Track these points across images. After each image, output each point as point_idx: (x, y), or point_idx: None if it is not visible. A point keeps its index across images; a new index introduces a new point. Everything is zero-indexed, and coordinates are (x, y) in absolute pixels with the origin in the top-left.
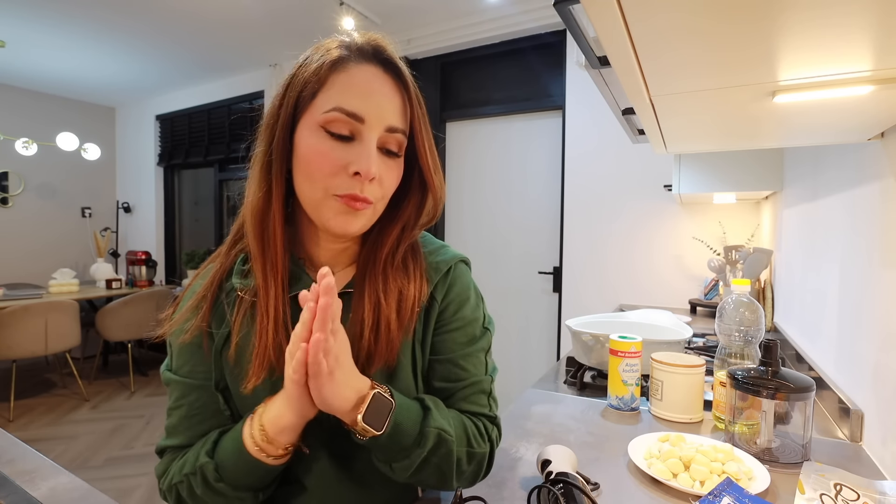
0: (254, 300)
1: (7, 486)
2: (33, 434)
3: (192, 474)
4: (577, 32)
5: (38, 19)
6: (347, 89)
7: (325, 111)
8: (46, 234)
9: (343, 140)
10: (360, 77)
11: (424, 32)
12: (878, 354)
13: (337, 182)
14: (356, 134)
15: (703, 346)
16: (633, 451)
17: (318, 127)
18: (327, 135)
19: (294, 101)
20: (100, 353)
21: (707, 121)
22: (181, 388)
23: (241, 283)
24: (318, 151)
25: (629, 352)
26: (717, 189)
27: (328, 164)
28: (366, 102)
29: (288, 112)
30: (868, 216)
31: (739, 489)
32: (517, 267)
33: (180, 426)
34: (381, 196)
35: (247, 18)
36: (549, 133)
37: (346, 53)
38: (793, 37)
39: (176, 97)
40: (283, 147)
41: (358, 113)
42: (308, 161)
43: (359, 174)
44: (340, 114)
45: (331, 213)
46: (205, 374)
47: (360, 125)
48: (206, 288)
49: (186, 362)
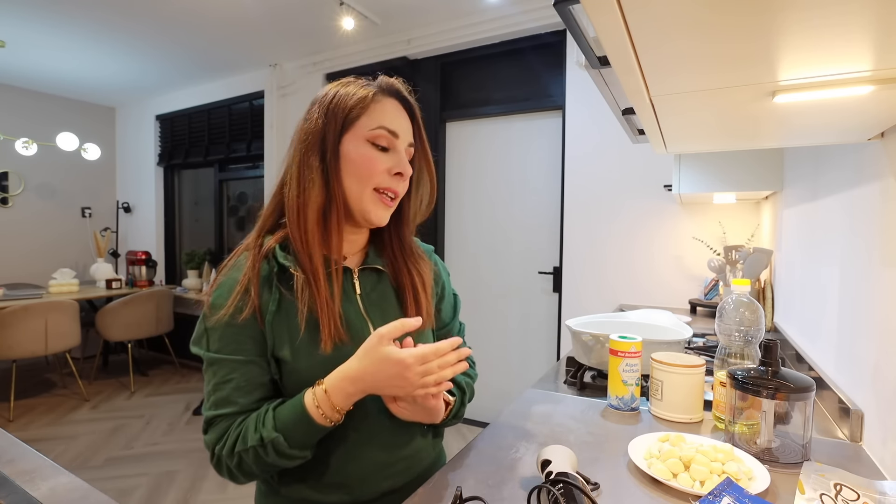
0: (305, 277)
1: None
2: (33, 434)
3: (261, 447)
4: (577, 32)
5: (38, 19)
6: (385, 114)
7: (371, 129)
8: (46, 234)
9: (383, 150)
10: (390, 106)
11: (424, 32)
12: (878, 354)
13: (381, 179)
14: (391, 146)
15: (703, 346)
16: (633, 451)
17: (365, 141)
18: (372, 146)
19: (342, 121)
20: (100, 353)
21: (707, 121)
22: (229, 366)
23: (292, 264)
24: (369, 158)
25: (629, 352)
26: (717, 189)
27: (377, 166)
28: (398, 124)
29: (336, 129)
30: (868, 216)
31: (739, 489)
32: (517, 267)
33: (231, 397)
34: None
35: (247, 18)
36: (549, 133)
37: (379, 90)
38: (793, 36)
39: (176, 97)
40: (335, 155)
41: (395, 130)
42: (360, 163)
43: (400, 174)
44: (384, 131)
45: (373, 206)
46: (251, 350)
47: (395, 140)
48: (250, 271)
49: (231, 341)
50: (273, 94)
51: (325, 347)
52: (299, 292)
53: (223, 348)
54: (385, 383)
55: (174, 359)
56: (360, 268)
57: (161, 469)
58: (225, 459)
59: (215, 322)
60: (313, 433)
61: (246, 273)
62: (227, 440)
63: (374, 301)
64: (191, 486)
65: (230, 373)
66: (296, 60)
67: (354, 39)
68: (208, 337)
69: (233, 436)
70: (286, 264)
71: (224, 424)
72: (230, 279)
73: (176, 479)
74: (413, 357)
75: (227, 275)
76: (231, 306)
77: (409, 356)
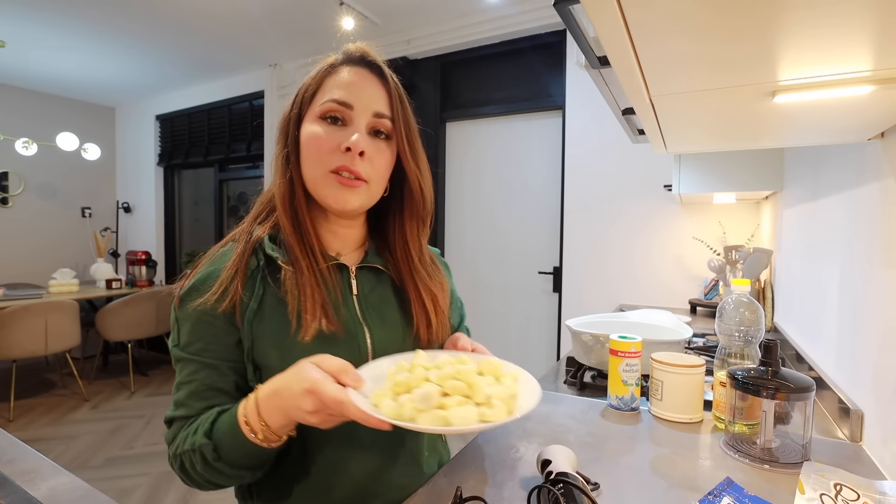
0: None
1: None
2: (33, 434)
3: (193, 452)
4: (577, 32)
5: (38, 19)
6: (338, 85)
7: (321, 104)
8: (46, 234)
9: (336, 125)
10: (348, 75)
11: (424, 32)
12: (878, 354)
13: (331, 158)
14: (347, 119)
15: (703, 346)
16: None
17: (317, 118)
18: (323, 122)
19: (300, 103)
20: (100, 353)
21: (707, 121)
22: (192, 366)
23: (280, 256)
24: (316, 135)
25: (629, 352)
26: (717, 189)
27: (324, 143)
28: (353, 93)
29: (295, 112)
30: (868, 216)
31: (739, 489)
32: (517, 267)
33: (188, 401)
34: (374, 176)
35: (247, 18)
36: (549, 133)
37: (339, 60)
38: (793, 36)
39: (176, 97)
40: (294, 141)
41: (346, 101)
42: (308, 144)
43: (349, 149)
44: (332, 103)
45: (329, 189)
46: (216, 352)
47: (350, 111)
48: (236, 265)
49: (199, 339)
50: (273, 94)
51: (304, 336)
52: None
53: (189, 345)
54: (291, 404)
55: None
56: (358, 266)
57: (161, 469)
58: (171, 460)
59: (188, 312)
60: (243, 450)
61: (233, 263)
62: (177, 442)
63: (372, 303)
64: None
65: (192, 374)
66: (296, 60)
67: (354, 39)
68: (179, 328)
69: (180, 437)
70: (273, 255)
71: (177, 426)
72: (212, 269)
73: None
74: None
75: (209, 264)
76: (209, 296)
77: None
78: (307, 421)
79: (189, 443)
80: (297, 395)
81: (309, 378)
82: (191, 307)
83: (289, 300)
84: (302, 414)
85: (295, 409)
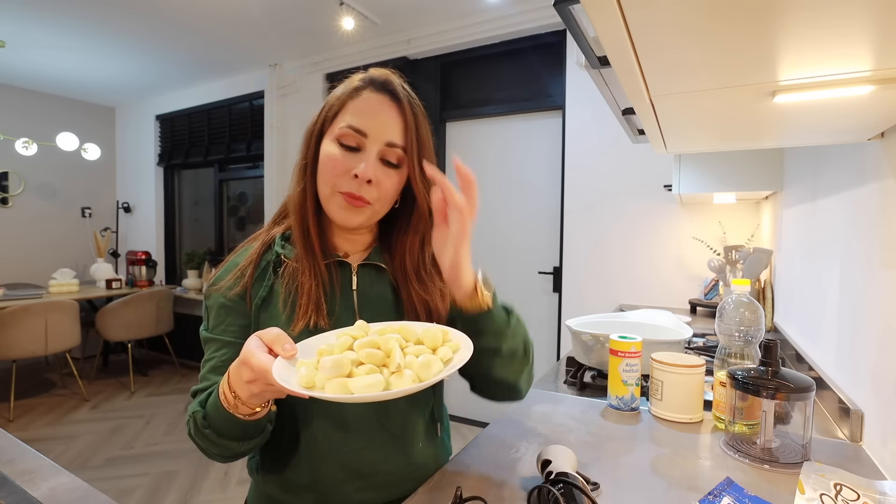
0: (295, 265)
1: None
2: (33, 434)
3: (191, 417)
4: (577, 32)
5: (38, 19)
6: (358, 111)
7: (340, 127)
8: (46, 234)
9: (351, 150)
10: (369, 102)
11: (424, 32)
12: (878, 354)
13: (341, 181)
14: (361, 146)
15: (703, 346)
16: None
17: (334, 140)
18: (339, 146)
19: (322, 120)
20: (100, 353)
21: (707, 121)
22: (215, 344)
23: (284, 252)
24: (331, 157)
25: (629, 352)
26: (717, 189)
27: (337, 167)
28: (370, 122)
29: (318, 128)
30: (868, 216)
31: (739, 489)
32: (517, 267)
33: (208, 374)
34: (378, 198)
35: (247, 18)
36: (549, 133)
37: (362, 84)
38: (793, 37)
39: (176, 97)
40: (313, 155)
41: (362, 129)
42: (323, 164)
43: (357, 176)
44: (348, 129)
45: (336, 207)
46: (235, 332)
47: (364, 139)
48: (252, 257)
49: (222, 321)
50: (273, 94)
51: (295, 328)
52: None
53: (215, 327)
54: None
55: (174, 359)
56: (361, 264)
57: (161, 469)
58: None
59: (211, 299)
60: (223, 419)
61: (249, 256)
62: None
63: (370, 298)
64: (191, 486)
65: (214, 351)
66: (296, 60)
67: (354, 39)
68: (207, 314)
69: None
70: (280, 252)
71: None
72: (232, 262)
73: (176, 479)
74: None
75: (232, 259)
76: (225, 284)
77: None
78: (250, 392)
79: (191, 409)
80: (237, 365)
81: (245, 350)
82: (213, 293)
83: (283, 291)
84: (243, 385)
85: (238, 380)
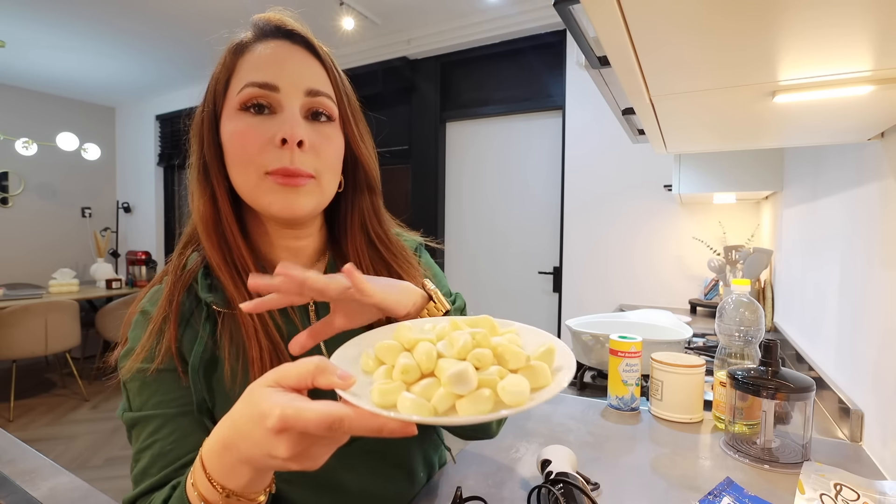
0: (233, 312)
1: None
2: (33, 434)
3: None
4: (577, 32)
5: (38, 19)
6: (255, 65)
7: (237, 93)
8: (46, 234)
9: (263, 114)
10: (265, 51)
11: (424, 32)
12: (878, 354)
13: (266, 158)
14: (275, 105)
15: (703, 346)
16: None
17: (237, 111)
18: (247, 114)
19: (212, 98)
20: (100, 353)
21: (707, 121)
22: (153, 423)
23: (213, 298)
24: (240, 132)
25: (629, 352)
26: (717, 189)
27: (252, 140)
28: (277, 71)
29: (209, 110)
30: (868, 216)
31: (739, 489)
32: (517, 267)
33: (153, 467)
34: (324, 168)
35: (247, 18)
36: (549, 133)
37: (251, 37)
38: (793, 36)
39: (176, 97)
40: (213, 146)
41: (270, 82)
42: (233, 145)
43: (285, 141)
44: (253, 88)
45: (271, 195)
46: (178, 401)
47: (276, 94)
48: (166, 308)
49: (154, 394)
50: None
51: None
52: (220, 336)
53: (145, 403)
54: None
55: None
56: None
57: None
58: None
59: (129, 375)
60: None
61: (161, 308)
62: None
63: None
64: None
65: (153, 433)
66: None
67: (354, 39)
68: (127, 393)
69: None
70: (207, 299)
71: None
72: (143, 314)
73: None
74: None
75: (141, 308)
76: (141, 353)
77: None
78: (288, 469)
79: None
80: (260, 441)
81: (272, 412)
82: (130, 370)
83: (228, 354)
84: (279, 463)
85: (265, 459)
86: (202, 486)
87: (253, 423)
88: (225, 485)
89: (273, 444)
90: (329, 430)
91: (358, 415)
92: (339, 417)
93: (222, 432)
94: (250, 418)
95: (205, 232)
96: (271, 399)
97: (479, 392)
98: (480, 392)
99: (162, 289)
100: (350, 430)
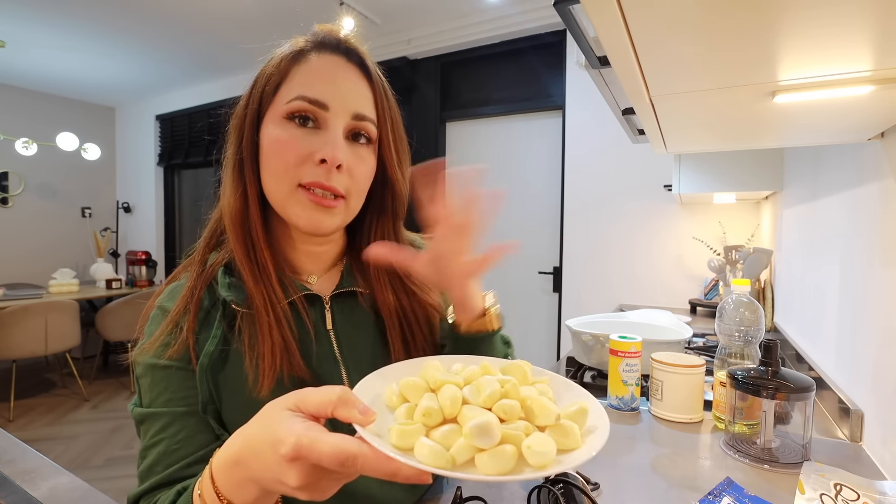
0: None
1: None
2: (33, 434)
3: None
4: (577, 32)
5: (38, 19)
6: (309, 78)
7: (287, 101)
8: (46, 234)
9: (307, 127)
10: (322, 65)
11: (424, 32)
12: (878, 354)
13: (301, 171)
14: (321, 122)
15: (703, 346)
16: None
17: (282, 118)
18: (292, 124)
19: (259, 97)
20: (100, 353)
21: (707, 121)
22: (161, 421)
23: (234, 297)
24: (282, 141)
25: (629, 352)
26: (717, 189)
27: (292, 152)
28: (329, 89)
29: (253, 108)
30: (868, 216)
31: (739, 489)
32: (517, 267)
33: (158, 465)
34: (354, 189)
35: (247, 18)
36: (549, 133)
37: (310, 45)
38: (793, 36)
39: (176, 97)
40: (251, 144)
41: (321, 100)
42: (272, 152)
43: (325, 161)
44: (303, 102)
45: (300, 209)
46: (187, 400)
47: (325, 112)
48: (187, 301)
49: (164, 391)
50: None
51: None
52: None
53: (155, 399)
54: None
55: None
56: (334, 293)
57: None
58: None
59: (142, 366)
60: None
61: (182, 301)
62: None
63: (347, 334)
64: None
65: (161, 430)
66: None
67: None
68: (139, 388)
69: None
70: (227, 297)
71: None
72: (161, 309)
73: None
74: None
75: (159, 304)
76: (157, 342)
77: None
78: (295, 497)
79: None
80: (272, 466)
81: (287, 439)
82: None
83: (245, 350)
84: (287, 490)
85: (273, 483)
86: (209, 498)
87: (267, 446)
88: (232, 500)
89: (284, 471)
90: (341, 466)
91: (373, 455)
92: (353, 455)
93: (235, 448)
94: (265, 440)
95: (231, 225)
96: (288, 425)
97: (502, 448)
98: (503, 448)
99: (181, 285)
100: (363, 470)
